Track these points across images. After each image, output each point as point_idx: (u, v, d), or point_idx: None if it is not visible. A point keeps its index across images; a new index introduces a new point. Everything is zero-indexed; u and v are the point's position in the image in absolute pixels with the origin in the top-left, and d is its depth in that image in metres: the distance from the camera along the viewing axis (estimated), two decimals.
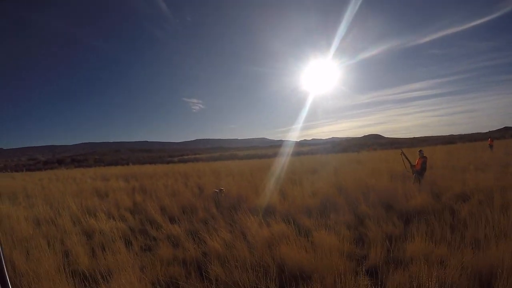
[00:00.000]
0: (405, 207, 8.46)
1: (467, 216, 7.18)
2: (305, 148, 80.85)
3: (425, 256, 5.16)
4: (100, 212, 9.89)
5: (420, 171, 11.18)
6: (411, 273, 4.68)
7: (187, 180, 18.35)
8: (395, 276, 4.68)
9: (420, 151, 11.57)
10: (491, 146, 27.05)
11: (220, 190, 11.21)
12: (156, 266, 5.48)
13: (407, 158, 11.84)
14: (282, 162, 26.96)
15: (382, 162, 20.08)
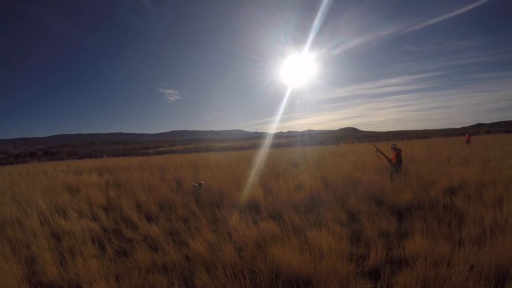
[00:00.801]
0: (395, 202, 8.10)
1: (460, 211, 6.96)
2: (282, 140, 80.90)
3: (427, 254, 4.84)
4: (71, 211, 9.16)
5: (396, 163, 11.46)
6: (417, 274, 4.31)
7: (163, 173, 17.58)
8: (401, 278, 4.35)
9: (393, 145, 11.94)
10: (468, 141, 27.53)
11: (200, 184, 10.54)
12: (134, 275, 4.81)
13: (382, 154, 12.40)
14: (260, 154, 26.61)
15: (364, 155, 19.84)
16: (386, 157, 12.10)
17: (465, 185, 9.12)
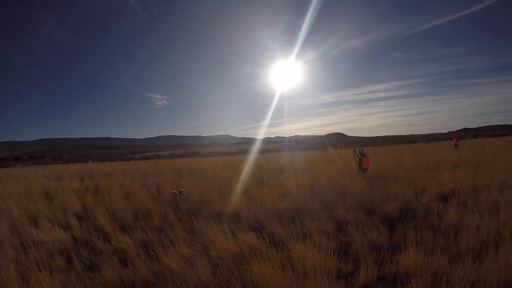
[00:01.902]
0: (386, 210, 7.66)
1: (455, 220, 6.51)
2: (269, 145, 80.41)
3: (423, 270, 4.41)
4: (44, 219, 8.53)
5: (359, 166, 12.88)
6: None
7: (145, 179, 16.90)
8: None
9: (360, 149, 13.36)
10: (456, 146, 27.43)
11: (180, 191, 9.93)
12: None
13: (357, 156, 13.38)
14: (247, 160, 26.12)
15: (352, 161, 19.37)
16: (358, 159, 13.14)
17: (458, 191, 8.76)
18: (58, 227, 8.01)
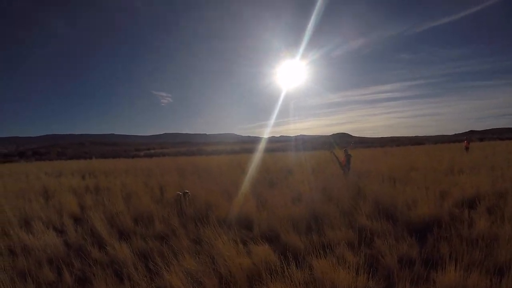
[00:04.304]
0: (411, 218, 6.92)
1: (486, 231, 5.80)
2: (274, 144, 79.90)
3: None
4: (38, 221, 7.82)
5: (345, 166, 12.62)
6: None
7: (148, 179, 16.24)
8: None
9: (345, 149, 13.15)
10: (467, 148, 26.67)
11: (185, 193, 9.23)
12: None
13: (336, 157, 13.30)
14: (253, 159, 25.52)
15: (364, 163, 18.76)
16: (338, 160, 13.05)
17: (482, 197, 8.07)
18: (53, 230, 7.36)
